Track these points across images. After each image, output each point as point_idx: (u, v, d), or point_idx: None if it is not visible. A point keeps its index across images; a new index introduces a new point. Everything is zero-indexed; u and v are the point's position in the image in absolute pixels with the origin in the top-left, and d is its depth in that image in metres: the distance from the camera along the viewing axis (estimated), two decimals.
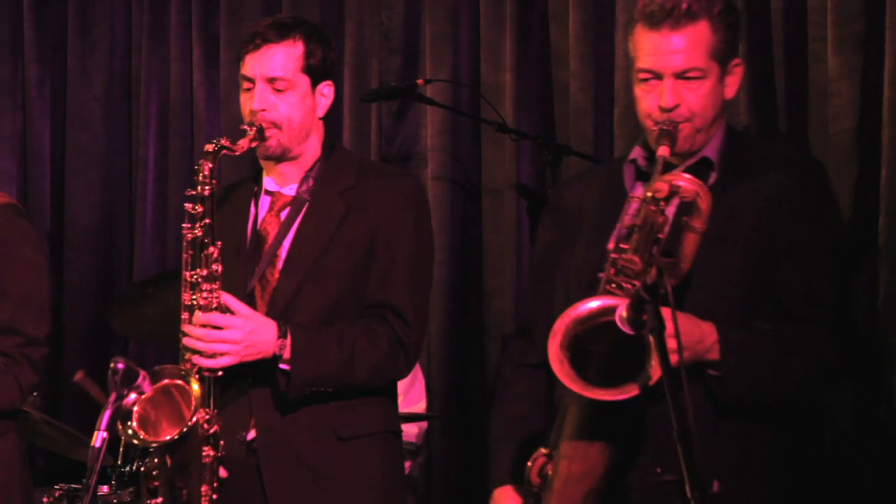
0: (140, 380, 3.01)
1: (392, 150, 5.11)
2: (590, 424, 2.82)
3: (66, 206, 5.89)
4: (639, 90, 3.02)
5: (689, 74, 2.96)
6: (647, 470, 2.90)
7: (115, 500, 4.49)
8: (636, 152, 3.12)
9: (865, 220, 4.05)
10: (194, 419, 3.22)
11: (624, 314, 2.71)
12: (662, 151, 2.91)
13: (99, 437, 2.90)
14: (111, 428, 2.93)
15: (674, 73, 2.95)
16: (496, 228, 4.94)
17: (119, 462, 4.57)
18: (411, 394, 4.88)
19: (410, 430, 4.85)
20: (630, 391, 2.73)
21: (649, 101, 2.99)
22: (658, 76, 2.97)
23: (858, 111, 4.08)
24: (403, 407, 4.25)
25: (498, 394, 3.30)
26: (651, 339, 2.68)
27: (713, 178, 2.99)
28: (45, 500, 4.58)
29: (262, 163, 3.55)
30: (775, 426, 2.98)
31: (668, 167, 2.96)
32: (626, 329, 2.72)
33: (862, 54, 4.08)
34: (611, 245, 2.93)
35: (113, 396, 2.95)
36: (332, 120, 3.60)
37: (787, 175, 3.00)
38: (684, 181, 2.81)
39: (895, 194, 3.92)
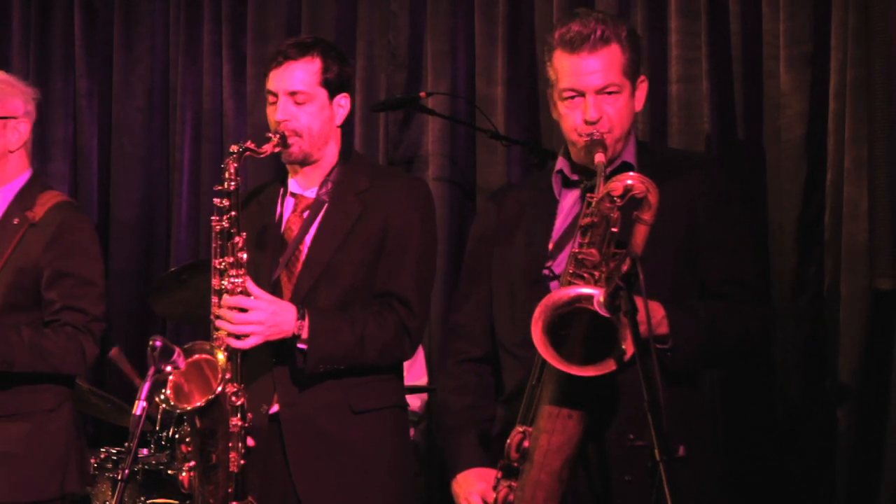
0: (175, 356, 3.00)
1: (397, 155, 5.10)
2: (567, 400, 2.81)
3: (112, 203, 5.88)
4: (564, 107, 3.04)
5: (608, 90, 2.99)
6: (621, 436, 2.89)
7: (153, 461, 4.49)
8: (561, 163, 3.14)
9: (813, 217, 4.05)
10: (220, 388, 3.20)
11: (602, 299, 2.71)
12: (600, 158, 2.93)
13: (139, 406, 2.88)
14: (150, 398, 2.92)
15: (595, 89, 2.98)
16: None
17: (157, 428, 4.57)
18: (414, 369, 4.87)
19: (414, 402, 4.84)
20: (609, 367, 2.73)
21: (574, 116, 3.01)
22: (581, 94, 3.00)
23: (807, 121, 4.08)
24: (407, 381, 4.23)
25: (444, 388, 3.24)
26: (625, 320, 2.69)
27: None
28: (92, 461, 4.57)
29: (288, 166, 3.53)
30: (697, 389, 3.11)
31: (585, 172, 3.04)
32: (603, 312, 2.72)
33: (810, 71, 4.08)
34: (550, 246, 3.03)
35: (152, 370, 2.94)
36: (344, 128, 3.58)
37: (701, 174, 3.05)
38: (634, 179, 2.81)
39: (839, 194, 3.92)
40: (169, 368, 3.00)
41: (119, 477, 2.87)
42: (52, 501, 3.68)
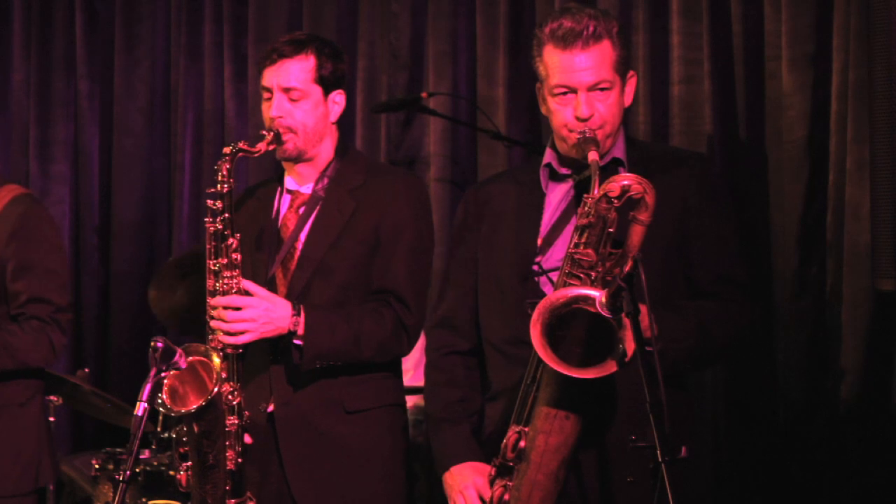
0: (177, 357, 2.99)
1: (399, 155, 5.10)
2: (565, 401, 2.80)
3: (113, 204, 5.89)
4: (554, 103, 3.03)
5: (600, 87, 2.99)
6: (623, 437, 2.88)
7: (154, 462, 4.49)
8: (549, 156, 3.14)
9: (815, 218, 4.04)
10: (216, 390, 3.20)
11: (603, 300, 2.70)
12: (594, 156, 2.92)
13: (141, 407, 2.88)
14: (151, 399, 2.92)
15: (587, 86, 2.98)
16: None
17: (158, 429, 4.57)
18: (420, 370, 4.85)
19: (418, 403, 4.83)
20: (609, 369, 2.72)
21: (565, 112, 3.01)
22: (573, 90, 2.99)
23: (809, 122, 4.07)
24: (413, 381, 4.23)
25: (432, 381, 3.23)
26: (626, 321, 2.68)
27: None
28: (93, 462, 4.58)
29: (284, 164, 3.54)
30: (687, 392, 3.11)
31: (576, 167, 3.04)
32: (605, 313, 2.71)
33: (812, 72, 4.07)
34: (539, 241, 3.01)
35: (153, 371, 2.94)
36: (345, 129, 3.58)
37: (689, 169, 3.05)
38: (631, 180, 2.80)
39: (841, 195, 3.91)
40: (171, 371, 3.00)
41: (120, 478, 2.86)
42: (27, 495, 3.72)
